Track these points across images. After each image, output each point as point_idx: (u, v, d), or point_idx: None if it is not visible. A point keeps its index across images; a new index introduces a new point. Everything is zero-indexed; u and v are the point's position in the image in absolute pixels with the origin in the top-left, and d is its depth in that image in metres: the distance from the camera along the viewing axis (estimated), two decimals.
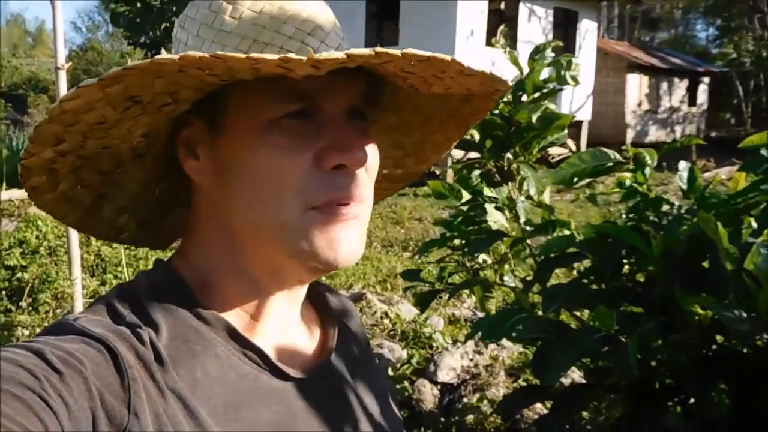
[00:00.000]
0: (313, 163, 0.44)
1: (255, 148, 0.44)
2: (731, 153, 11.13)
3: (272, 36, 0.44)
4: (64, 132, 0.42)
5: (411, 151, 0.58)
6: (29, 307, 3.30)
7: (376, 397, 0.57)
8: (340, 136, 0.44)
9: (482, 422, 2.24)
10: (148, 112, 0.44)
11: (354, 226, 0.46)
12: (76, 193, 0.48)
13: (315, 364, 0.52)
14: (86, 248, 4.15)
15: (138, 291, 0.47)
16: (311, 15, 0.45)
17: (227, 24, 0.45)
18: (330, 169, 0.44)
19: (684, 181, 1.13)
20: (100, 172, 0.49)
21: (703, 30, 33.70)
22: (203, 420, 0.42)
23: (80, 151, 0.45)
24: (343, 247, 0.45)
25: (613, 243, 1.13)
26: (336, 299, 0.61)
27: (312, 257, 0.45)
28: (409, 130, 0.56)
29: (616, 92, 14.37)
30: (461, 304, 3.69)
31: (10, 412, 0.33)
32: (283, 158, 0.44)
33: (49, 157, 0.44)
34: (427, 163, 0.59)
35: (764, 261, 0.76)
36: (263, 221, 0.45)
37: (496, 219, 1.33)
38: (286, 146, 0.44)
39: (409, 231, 6.41)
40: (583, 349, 1.00)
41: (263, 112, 0.44)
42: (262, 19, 0.44)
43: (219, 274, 0.49)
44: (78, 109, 0.40)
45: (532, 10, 11.66)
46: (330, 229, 0.45)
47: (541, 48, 1.22)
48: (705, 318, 0.97)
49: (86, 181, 0.48)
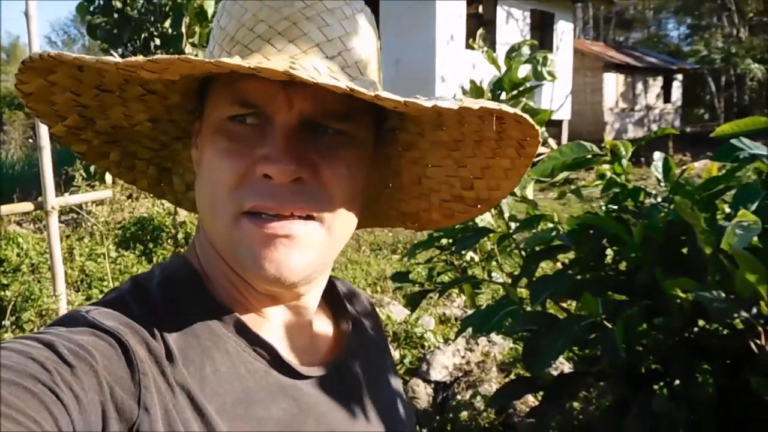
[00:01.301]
0: (248, 171, 0.43)
1: (207, 147, 0.45)
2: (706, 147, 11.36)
3: (245, 34, 0.44)
4: (49, 111, 0.45)
5: (478, 174, 0.55)
6: (12, 325, 3.23)
7: (388, 393, 0.57)
8: (277, 146, 0.43)
9: (476, 418, 2.26)
10: (130, 100, 0.47)
11: (288, 245, 0.43)
12: (134, 163, 0.52)
13: (327, 361, 0.52)
14: (70, 264, 4.08)
15: (151, 284, 0.47)
16: (291, 14, 0.44)
17: (222, 21, 0.47)
18: (259, 178, 0.43)
19: (659, 170, 1.17)
20: (148, 149, 0.52)
21: (674, 29, 34.51)
22: (211, 417, 0.42)
23: (92, 126, 0.47)
24: (267, 264, 0.42)
25: (595, 233, 1.17)
26: (343, 287, 0.61)
27: (241, 268, 0.45)
28: (467, 150, 0.53)
29: (594, 91, 14.62)
30: (451, 303, 3.71)
31: (21, 405, 0.33)
32: (220, 160, 0.44)
33: (65, 130, 0.47)
34: (500, 190, 0.56)
35: (740, 241, 0.79)
36: (211, 223, 0.46)
37: (482, 216, 1.35)
38: (225, 149, 0.44)
39: (397, 234, 6.43)
40: (571, 338, 1.03)
41: (216, 112, 0.45)
42: (245, 18, 0.45)
43: (212, 266, 0.49)
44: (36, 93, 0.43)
45: (510, 13, 11.82)
46: (255, 241, 0.43)
47: (516, 47, 1.26)
48: (686, 301, 1.01)
49: (139, 154, 0.52)
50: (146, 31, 5.64)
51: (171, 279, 0.48)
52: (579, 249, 1.20)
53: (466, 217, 0.60)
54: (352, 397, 0.52)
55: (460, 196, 0.57)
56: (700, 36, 21.45)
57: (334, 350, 0.54)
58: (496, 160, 0.53)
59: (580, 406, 1.90)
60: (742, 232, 0.80)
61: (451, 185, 0.57)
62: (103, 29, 5.77)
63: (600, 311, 1.00)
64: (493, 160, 0.53)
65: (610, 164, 1.20)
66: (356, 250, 5.43)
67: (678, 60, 19.14)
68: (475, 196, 0.57)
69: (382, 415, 0.55)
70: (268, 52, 0.43)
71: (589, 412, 1.83)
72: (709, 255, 0.91)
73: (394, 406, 0.57)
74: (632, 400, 1.07)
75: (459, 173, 0.56)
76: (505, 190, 0.56)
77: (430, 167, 0.56)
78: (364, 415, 0.53)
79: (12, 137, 20.92)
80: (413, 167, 0.56)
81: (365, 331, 0.60)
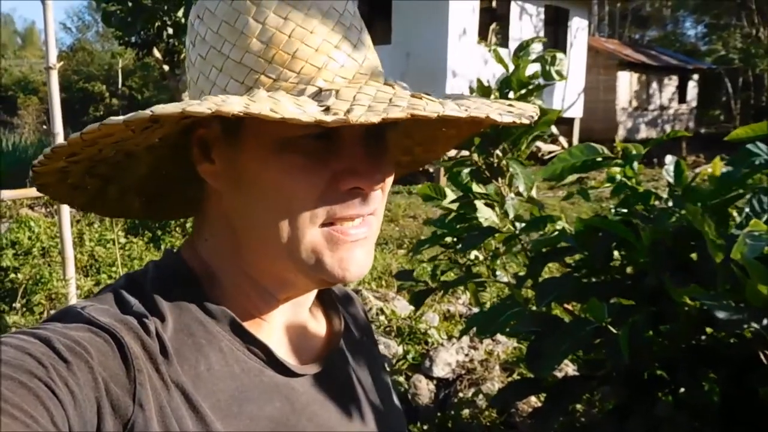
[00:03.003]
0: (329, 184, 0.44)
1: (271, 163, 0.44)
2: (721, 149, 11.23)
3: (297, 47, 0.43)
4: (81, 150, 0.42)
5: (421, 141, 0.58)
6: (23, 308, 3.28)
7: (379, 390, 0.58)
8: (357, 158, 0.44)
9: (477, 416, 2.26)
10: (166, 126, 0.44)
11: (363, 245, 0.47)
12: (84, 182, 0.49)
13: (320, 360, 0.52)
14: (80, 248, 4.12)
15: (145, 281, 0.47)
16: (337, 25, 0.44)
17: (251, 27, 0.43)
18: (346, 190, 0.45)
19: (671, 174, 1.15)
20: (111, 165, 0.49)
21: (692, 27, 33.96)
22: (206, 414, 0.42)
23: (95, 158, 0.45)
24: (352, 265, 0.46)
25: (603, 236, 1.15)
26: (338, 289, 0.61)
27: (322, 273, 0.46)
28: (423, 125, 0.55)
29: (607, 90, 14.46)
30: (456, 300, 3.71)
31: (17, 400, 0.34)
32: (298, 177, 0.44)
33: (62, 166, 0.44)
34: (436, 153, 0.59)
35: (750, 250, 0.77)
36: (274, 236, 0.45)
37: (487, 215, 1.34)
38: (302, 166, 0.43)
39: (403, 228, 6.43)
40: (575, 341, 1.02)
41: (281, 129, 0.42)
42: (287, 27, 0.43)
43: (224, 271, 0.49)
44: (97, 137, 0.40)
45: (524, 8, 11.70)
46: (340, 247, 0.45)
47: (525, 45, 1.23)
48: (694, 308, 0.99)
49: (95, 171, 0.48)
50: (159, 19, 5.67)
51: (166, 277, 0.48)
52: (586, 251, 1.18)
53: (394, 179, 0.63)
54: (344, 395, 0.53)
55: (397, 161, 0.58)
56: (718, 35, 21.12)
57: (327, 348, 0.55)
58: (444, 131, 0.55)
59: (583, 409, 1.90)
60: (753, 242, 0.79)
61: None
62: (117, 17, 5.80)
63: (606, 316, 0.99)
64: (441, 131, 0.55)
65: (621, 167, 1.18)
66: None
67: (694, 59, 18.87)
68: (411, 160, 0.60)
69: (374, 413, 0.55)
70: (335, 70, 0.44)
71: (592, 415, 1.82)
72: (719, 263, 0.90)
73: (386, 404, 0.58)
74: (635, 404, 1.06)
75: (403, 142, 0.57)
76: (441, 153, 0.59)
77: None
78: (357, 413, 0.53)
79: (26, 122, 21.18)
80: None
81: (352, 323, 0.60)
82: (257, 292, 0.49)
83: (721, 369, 1.05)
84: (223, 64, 0.44)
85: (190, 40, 0.47)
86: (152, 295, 0.46)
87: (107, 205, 0.53)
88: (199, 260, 0.49)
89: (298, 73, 0.43)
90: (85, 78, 26.05)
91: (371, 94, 0.42)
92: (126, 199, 0.53)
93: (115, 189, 0.51)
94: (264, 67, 0.43)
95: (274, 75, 0.43)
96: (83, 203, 0.51)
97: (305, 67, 0.43)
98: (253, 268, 0.48)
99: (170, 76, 7.41)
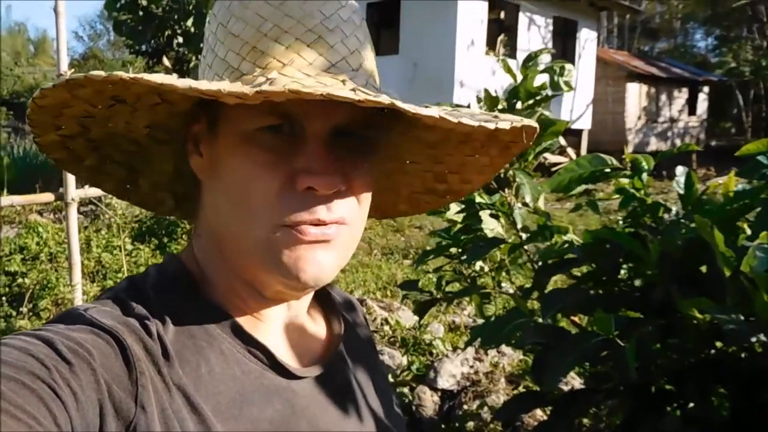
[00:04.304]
0: (286, 182, 0.43)
1: (234, 156, 0.44)
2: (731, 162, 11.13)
3: (269, 45, 0.44)
4: (54, 121, 0.44)
5: (454, 169, 0.56)
6: (30, 312, 3.30)
7: (379, 394, 0.57)
8: (315, 157, 0.43)
9: (482, 429, 2.23)
10: (140, 109, 0.45)
11: (324, 248, 0.45)
12: (106, 167, 0.51)
13: (320, 363, 0.52)
14: (87, 254, 4.15)
15: (147, 284, 0.47)
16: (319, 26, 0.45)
17: (237, 27, 0.45)
18: (302, 190, 0.43)
19: (681, 186, 1.14)
20: (123, 152, 0.51)
21: (702, 39, 33.89)
22: (207, 417, 0.42)
23: (86, 135, 0.46)
24: (309, 265, 0.44)
25: (611, 248, 1.14)
26: (339, 295, 0.61)
27: (279, 272, 0.45)
28: (449, 149, 0.54)
29: (616, 101, 14.43)
30: (461, 311, 3.68)
31: (20, 401, 0.34)
32: (255, 172, 0.43)
33: (57, 140, 0.46)
34: (472, 184, 0.57)
35: (761, 263, 0.76)
36: (237, 231, 0.45)
37: (492, 226, 1.34)
38: (260, 161, 0.43)
39: (409, 239, 6.42)
40: (582, 354, 1.00)
41: (244, 122, 0.43)
42: (265, 26, 0.44)
43: (214, 269, 0.49)
44: (52, 105, 0.42)
45: (532, 20, 11.74)
46: (296, 248, 0.44)
47: (533, 55, 1.23)
48: (703, 322, 0.98)
49: (113, 157, 0.51)
50: (170, 28, 5.75)
51: (167, 280, 0.48)
52: (593, 263, 1.17)
53: (433, 207, 0.62)
54: (344, 398, 0.53)
55: (431, 188, 0.58)
56: (729, 47, 21.03)
57: (327, 351, 0.55)
58: (476, 158, 0.54)
59: (590, 423, 1.87)
60: (763, 255, 0.77)
61: (423, 179, 0.57)
62: (128, 26, 5.89)
63: (613, 328, 0.98)
64: (472, 158, 0.54)
65: (630, 178, 1.17)
66: (368, 253, 5.43)
67: (705, 72, 18.79)
68: (446, 188, 0.58)
69: (374, 417, 0.55)
70: (300, 66, 0.43)
71: (598, 430, 1.79)
72: (728, 276, 0.88)
73: (386, 408, 0.58)
74: (643, 418, 1.04)
75: (434, 168, 0.57)
76: (478, 184, 0.57)
77: (407, 164, 0.57)
78: (357, 415, 0.53)
79: None
80: (386, 163, 0.56)
81: (353, 328, 0.60)
82: (246, 290, 0.49)
83: (730, 383, 1.03)
84: (213, 60, 0.47)
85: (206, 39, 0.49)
86: (154, 298, 0.46)
87: (139, 196, 0.56)
88: (195, 260, 0.50)
89: (264, 68, 0.44)
90: None
91: (323, 82, 0.41)
92: (158, 195, 0.56)
93: (145, 182, 0.54)
94: (239, 62, 0.45)
95: (245, 70, 0.44)
96: (112, 188, 0.54)
97: (271, 63, 0.44)
98: (234, 264, 0.48)
99: None
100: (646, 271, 1.09)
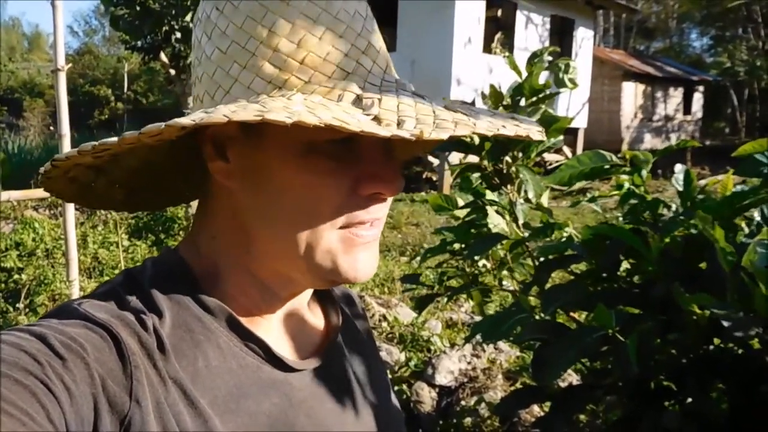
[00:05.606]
0: (351, 188, 0.45)
1: (296, 167, 0.44)
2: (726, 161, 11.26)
3: (328, 50, 0.43)
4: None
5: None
6: (26, 308, 3.28)
7: (377, 387, 0.58)
8: (378, 164, 0.45)
9: (480, 425, 2.24)
10: None
11: (373, 247, 0.48)
12: (79, 173, 0.48)
13: (317, 355, 0.52)
14: (83, 250, 4.14)
15: (143, 277, 0.47)
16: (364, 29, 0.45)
17: (280, 26, 0.43)
18: (366, 195, 0.45)
19: (680, 183, 1.14)
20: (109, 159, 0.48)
21: (697, 39, 34.01)
22: (203, 410, 0.42)
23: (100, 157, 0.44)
24: (364, 266, 0.47)
25: (611, 244, 1.15)
26: (337, 288, 0.62)
27: (335, 275, 0.47)
28: None
29: (612, 100, 14.48)
30: (459, 308, 3.70)
31: (13, 398, 0.33)
32: (326, 181, 0.44)
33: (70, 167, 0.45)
34: None
35: (761, 259, 0.77)
36: (291, 237, 0.45)
37: (497, 222, 1.34)
38: (328, 170, 0.44)
39: (406, 236, 6.43)
40: (582, 349, 1.01)
41: (307, 132, 0.41)
42: (317, 29, 0.43)
43: (227, 268, 0.49)
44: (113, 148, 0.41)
45: (529, 18, 11.75)
46: (354, 249, 0.46)
47: (539, 53, 1.24)
48: (703, 317, 0.98)
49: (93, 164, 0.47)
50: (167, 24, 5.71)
51: (164, 274, 0.47)
52: (593, 259, 1.18)
53: None
54: (342, 391, 0.53)
55: None
56: (724, 47, 21.14)
57: (325, 343, 0.55)
58: None
59: (587, 419, 1.88)
60: (763, 251, 0.78)
61: None
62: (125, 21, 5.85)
63: (614, 323, 0.99)
64: None
65: (629, 175, 1.18)
66: None
67: (700, 71, 18.88)
68: None
69: (372, 409, 0.55)
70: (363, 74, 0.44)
71: (597, 426, 1.80)
72: (728, 272, 0.89)
73: (384, 401, 0.58)
74: (642, 415, 1.05)
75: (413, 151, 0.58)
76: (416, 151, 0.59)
77: None
78: (354, 408, 0.53)
79: (31, 124, 21.29)
80: None
81: (351, 320, 0.60)
82: (259, 291, 0.49)
83: (730, 379, 1.04)
84: (248, 61, 0.43)
85: (204, 31, 0.46)
86: (150, 291, 0.45)
87: (93, 197, 0.52)
88: (200, 258, 0.49)
89: (329, 77, 0.43)
90: (90, 82, 26.25)
91: (411, 104, 0.42)
92: (110, 191, 0.52)
93: (104, 181, 0.50)
94: (294, 68, 0.43)
95: (305, 77, 0.43)
96: (72, 195, 0.50)
97: (336, 72, 0.43)
98: (260, 266, 0.48)
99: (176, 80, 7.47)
100: (647, 267, 1.09)
